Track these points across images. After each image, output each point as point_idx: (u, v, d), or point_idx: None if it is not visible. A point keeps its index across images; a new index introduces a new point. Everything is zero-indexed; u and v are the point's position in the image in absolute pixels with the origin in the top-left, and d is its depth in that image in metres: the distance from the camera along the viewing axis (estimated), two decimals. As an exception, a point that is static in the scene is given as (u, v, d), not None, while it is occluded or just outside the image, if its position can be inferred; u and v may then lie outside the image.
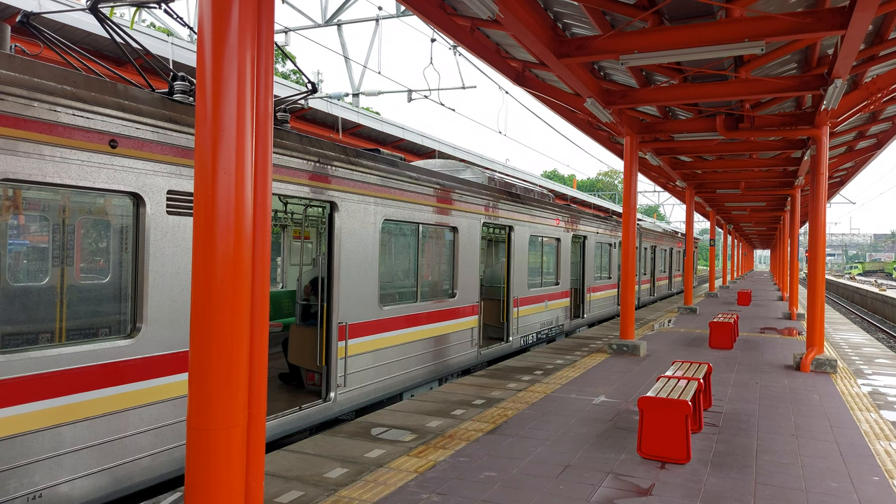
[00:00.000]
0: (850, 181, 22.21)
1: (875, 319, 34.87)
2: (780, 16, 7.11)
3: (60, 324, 4.66)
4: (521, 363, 10.45)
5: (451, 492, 4.85)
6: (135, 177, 4.91)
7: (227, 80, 3.34)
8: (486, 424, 6.74)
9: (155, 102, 5.09)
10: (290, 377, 8.18)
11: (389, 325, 8.20)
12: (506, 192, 11.90)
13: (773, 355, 11.73)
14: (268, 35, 3.54)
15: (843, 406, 7.84)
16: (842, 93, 8.83)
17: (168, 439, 5.16)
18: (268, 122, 3.55)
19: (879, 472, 5.48)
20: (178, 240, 5.25)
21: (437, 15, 7.65)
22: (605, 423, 6.85)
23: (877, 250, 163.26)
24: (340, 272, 7.24)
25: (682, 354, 11.64)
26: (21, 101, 4.14)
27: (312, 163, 6.77)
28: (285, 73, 38.04)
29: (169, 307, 5.17)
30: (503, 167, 30.87)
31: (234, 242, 3.37)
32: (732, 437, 6.43)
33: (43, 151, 4.28)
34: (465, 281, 10.26)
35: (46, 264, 4.92)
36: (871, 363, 11.20)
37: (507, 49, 9.75)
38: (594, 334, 14.39)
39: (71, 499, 4.46)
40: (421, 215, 8.91)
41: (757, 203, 27.95)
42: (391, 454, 5.71)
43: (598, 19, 7.91)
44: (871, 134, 14.49)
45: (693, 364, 7.43)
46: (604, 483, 5.09)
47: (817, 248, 10.31)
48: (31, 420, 4.23)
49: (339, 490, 4.85)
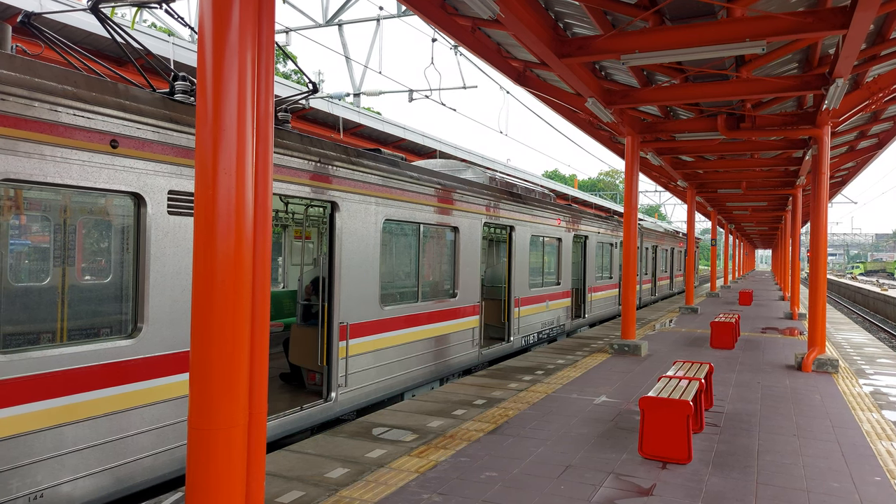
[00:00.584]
0: (851, 181, 22.19)
1: (877, 319, 34.83)
2: (781, 15, 7.10)
3: (62, 324, 4.66)
4: (523, 363, 10.44)
5: (452, 492, 4.85)
6: (136, 177, 4.91)
7: (228, 80, 3.35)
8: (487, 424, 6.73)
9: (156, 102, 5.09)
10: (291, 377, 8.18)
11: (390, 325, 8.20)
12: (507, 192, 11.90)
13: (775, 355, 11.72)
14: (268, 35, 3.54)
15: (844, 406, 7.83)
16: (843, 92, 8.82)
17: (169, 439, 5.17)
18: (268, 122, 3.56)
19: (881, 472, 5.47)
20: (179, 240, 5.26)
21: (437, 15, 7.65)
22: (606, 424, 6.84)
23: (878, 250, 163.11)
24: (341, 272, 7.24)
25: (684, 354, 11.63)
26: (22, 101, 4.15)
27: (313, 163, 6.77)
28: (286, 72, 38.06)
29: (170, 307, 5.17)
30: (504, 167, 30.85)
31: (235, 242, 3.37)
32: (734, 437, 6.42)
33: (44, 151, 4.29)
34: (467, 281, 10.26)
35: (48, 264, 4.92)
36: (873, 363, 11.19)
37: (508, 49, 9.74)
38: (595, 334, 14.38)
39: (72, 499, 4.46)
40: (422, 215, 8.91)
41: (758, 203, 27.92)
42: (392, 454, 5.71)
43: (600, 19, 7.90)
44: (872, 133, 14.47)
45: (694, 364, 7.42)
46: (605, 483, 5.08)
47: (819, 247, 10.30)
48: (32, 420, 4.23)
49: (340, 490, 4.85)
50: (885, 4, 6.85)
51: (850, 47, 7.27)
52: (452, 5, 7.91)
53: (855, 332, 16.33)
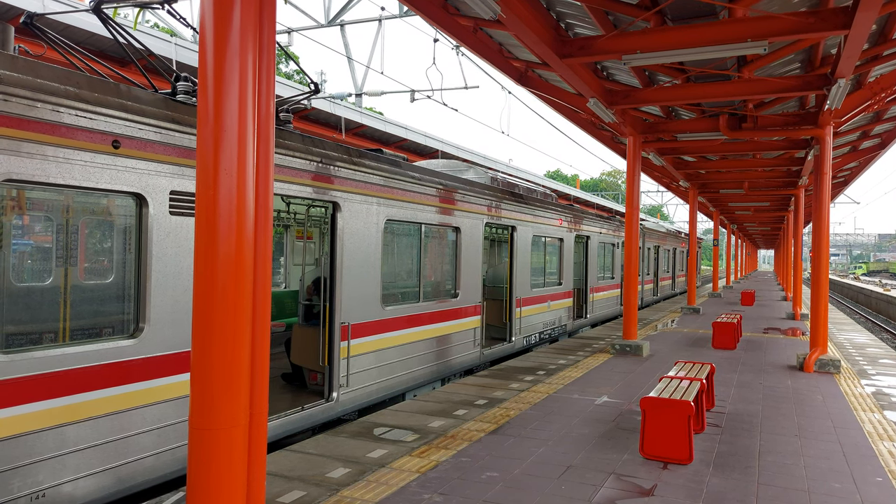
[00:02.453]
0: (854, 181, 22.15)
1: (879, 320, 34.75)
2: (782, 16, 7.10)
3: (64, 324, 4.67)
4: (524, 363, 10.44)
5: (452, 492, 4.85)
6: (137, 177, 4.93)
7: (229, 80, 3.35)
8: (488, 425, 6.74)
9: (158, 103, 5.10)
10: (292, 377, 8.19)
11: (392, 326, 8.20)
12: (508, 193, 11.90)
13: (777, 356, 11.70)
14: (269, 36, 3.55)
15: (846, 407, 7.82)
16: (845, 92, 8.81)
17: (171, 439, 5.18)
18: (269, 123, 3.56)
19: (882, 472, 5.46)
20: (180, 240, 5.27)
21: (439, 15, 7.66)
22: (607, 424, 6.84)
23: (881, 250, 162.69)
24: (343, 272, 7.25)
25: (685, 355, 11.62)
26: (24, 101, 4.16)
27: (315, 163, 6.78)
28: (289, 73, 38.09)
29: (171, 307, 5.18)
30: (506, 167, 30.86)
31: (236, 243, 3.38)
32: (735, 438, 6.41)
33: (46, 152, 4.30)
34: (468, 281, 10.26)
35: (50, 264, 4.94)
36: (875, 364, 11.17)
37: (510, 49, 9.75)
38: (597, 334, 14.37)
39: (74, 498, 4.47)
40: (423, 215, 8.92)
41: (760, 203, 27.88)
42: (393, 454, 5.72)
43: (601, 19, 7.90)
44: (875, 134, 14.44)
45: (696, 364, 7.42)
46: (606, 483, 5.08)
47: (821, 247, 10.29)
48: (34, 420, 4.24)
49: (342, 490, 4.86)
50: (887, 4, 6.84)
51: (852, 47, 7.26)
52: (454, 6, 7.92)
53: (857, 332, 16.30)
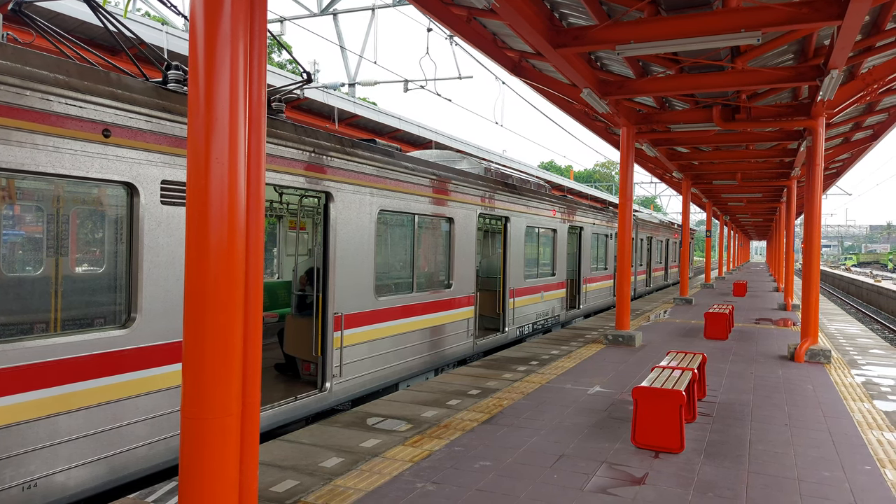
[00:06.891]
0: (846, 172, 22.24)
1: (870, 310, 35.00)
2: (776, 6, 7.09)
3: (55, 314, 4.65)
4: (517, 353, 10.47)
5: (446, 481, 4.87)
6: (128, 166, 4.89)
7: (220, 69, 3.33)
8: (481, 414, 6.76)
9: (148, 91, 5.06)
10: (286, 367, 8.19)
11: (385, 316, 8.20)
12: (502, 183, 11.89)
13: (768, 346, 11.78)
14: (261, 24, 3.52)
15: (836, 396, 7.89)
16: (838, 83, 8.82)
17: (164, 429, 5.17)
18: (261, 112, 3.54)
19: (871, 461, 5.52)
20: (172, 230, 5.24)
21: (433, 4, 7.62)
22: (599, 413, 6.88)
23: (872, 241, 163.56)
24: (336, 263, 7.23)
25: (678, 345, 11.68)
26: (13, 89, 4.12)
27: (307, 153, 6.75)
28: (281, 62, 37.86)
29: (163, 297, 5.17)
30: (500, 158, 30.79)
31: (228, 232, 3.37)
32: (726, 427, 6.46)
33: (36, 140, 4.26)
34: (462, 272, 10.27)
35: (41, 254, 4.91)
36: (865, 353, 11.26)
37: (504, 39, 9.71)
38: (590, 325, 14.42)
39: (67, 488, 4.47)
40: (417, 206, 8.90)
41: (753, 194, 27.98)
42: (387, 444, 5.74)
43: (595, 9, 7.88)
44: (867, 125, 14.49)
45: (688, 354, 7.46)
46: (598, 472, 5.12)
47: (812, 238, 10.34)
48: (26, 409, 4.23)
49: (335, 479, 4.87)
50: (881, -5, 6.85)
51: (845, 38, 7.27)
52: (447, -5, 7.88)
53: (848, 322, 16.42)
